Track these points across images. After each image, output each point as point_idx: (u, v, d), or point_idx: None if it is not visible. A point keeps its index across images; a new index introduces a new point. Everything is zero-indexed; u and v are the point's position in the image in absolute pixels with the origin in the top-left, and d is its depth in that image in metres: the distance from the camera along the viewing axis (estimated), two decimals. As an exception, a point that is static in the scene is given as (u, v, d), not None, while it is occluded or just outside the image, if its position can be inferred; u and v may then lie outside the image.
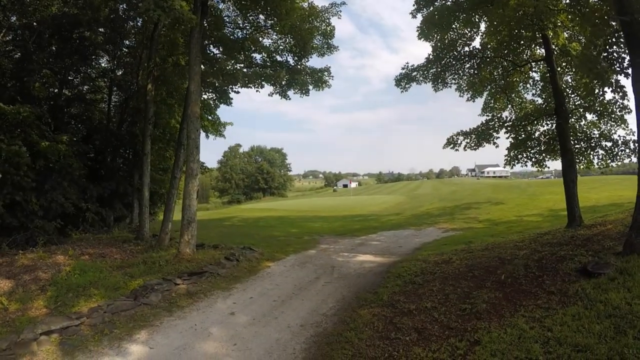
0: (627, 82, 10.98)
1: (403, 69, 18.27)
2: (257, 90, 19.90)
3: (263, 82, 19.61)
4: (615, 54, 11.33)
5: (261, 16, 18.38)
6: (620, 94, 13.50)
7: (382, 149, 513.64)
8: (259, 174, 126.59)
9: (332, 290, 10.90)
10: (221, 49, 19.10)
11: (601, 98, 14.59)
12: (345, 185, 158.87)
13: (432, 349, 6.59)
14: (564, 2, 14.04)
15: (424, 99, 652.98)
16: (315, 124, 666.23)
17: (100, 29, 20.95)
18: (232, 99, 21.83)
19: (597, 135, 16.35)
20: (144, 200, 18.28)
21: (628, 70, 10.52)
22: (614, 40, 10.92)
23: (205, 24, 16.94)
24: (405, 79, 18.28)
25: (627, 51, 10.37)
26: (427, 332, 7.32)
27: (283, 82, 19.69)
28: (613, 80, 12.03)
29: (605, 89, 12.78)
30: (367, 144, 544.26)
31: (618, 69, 11.50)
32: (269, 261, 14.38)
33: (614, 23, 10.70)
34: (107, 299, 9.75)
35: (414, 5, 17.33)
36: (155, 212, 27.73)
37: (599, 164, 16.38)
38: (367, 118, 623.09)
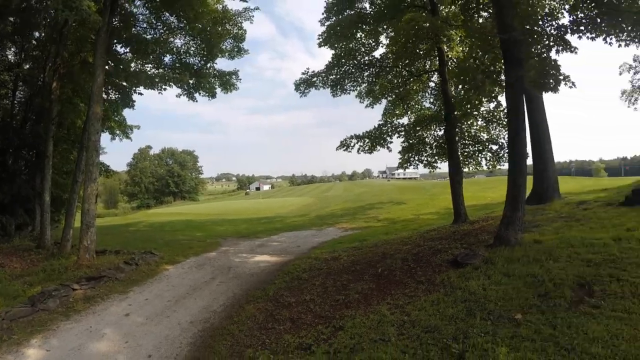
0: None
1: (303, 74, 18.75)
2: (159, 93, 19.60)
3: (169, 84, 19.36)
4: (493, 68, 12.63)
5: (172, 18, 18.21)
6: (495, 103, 15.08)
7: (296, 152, 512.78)
8: (169, 177, 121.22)
9: (225, 289, 11.37)
10: (130, 49, 18.67)
11: (480, 106, 15.97)
12: (257, 188, 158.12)
13: (300, 335, 7.34)
14: (460, 18, 15.22)
15: (338, 103, 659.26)
16: (231, 126, 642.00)
17: (10, 18, 19.79)
18: (134, 101, 21.39)
19: (485, 139, 17.71)
20: (45, 206, 17.57)
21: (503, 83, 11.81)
22: (498, 55, 12.00)
23: (115, 22, 16.66)
24: (305, 84, 18.74)
25: (504, 66, 11.48)
26: (300, 321, 8.10)
27: (190, 84, 19.64)
28: (487, 90, 13.36)
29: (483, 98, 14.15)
30: (283, 147, 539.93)
31: (494, 80, 12.84)
32: (169, 264, 14.51)
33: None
34: (6, 307, 9.64)
35: (323, 13, 18.10)
36: (58, 218, 26.54)
37: (487, 165, 17.86)
38: (284, 120, 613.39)
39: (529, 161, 17.64)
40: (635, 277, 6.81)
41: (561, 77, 10.18)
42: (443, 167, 18.42)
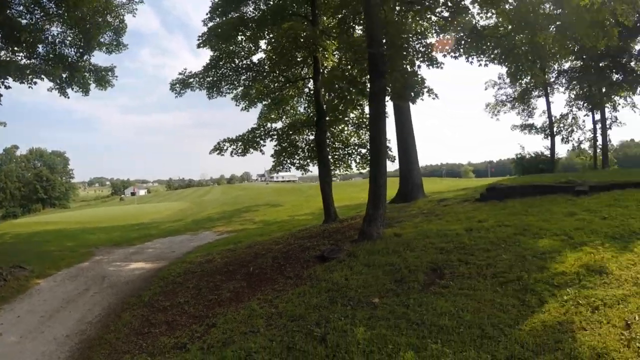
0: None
1: (180, 74, 18.32)
2: (29, 87, 18.01)
3: (41, 77, 17.85)
4: (360, 78, 13.58)
5: (51, 3, 16.76)
6: (360, 110, 16.14)
7: (175, 154, 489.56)
8: (37, 181, 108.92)
9: (100, 299, 11.00)
10: (1, 35, 16.73)
11: (349, 113, 17.01)
12: (133, 193, 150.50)
13: (175, 336, 7.49)
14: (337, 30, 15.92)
15: (221, 104, 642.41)
16: (105, 124, 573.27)
17: None
18: (1, 95, 18.59)
19: (355, 144, 18.79)
20: None
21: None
22: (366, 67, 12.80)
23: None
24: (181, 84, 18.32)
25: (370, 77, 12.31)
26: (175, 323, 8.23)
27: (63, 78, 18.28)
28: (353, 99, 14.40)
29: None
30: (160, 149, 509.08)
31: (360, 90, 13.82)
32: (40, 278, 13.52)
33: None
34: None
35: (207, 14, 17.89)
36: None
37: (357, 167, 18.97)
38: (163, 120, 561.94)
39: (396, 165, 19.27)
40: (482, 260, 7.86)
41: (425, 89, 11.28)
42: (316, 169, 18.97)
